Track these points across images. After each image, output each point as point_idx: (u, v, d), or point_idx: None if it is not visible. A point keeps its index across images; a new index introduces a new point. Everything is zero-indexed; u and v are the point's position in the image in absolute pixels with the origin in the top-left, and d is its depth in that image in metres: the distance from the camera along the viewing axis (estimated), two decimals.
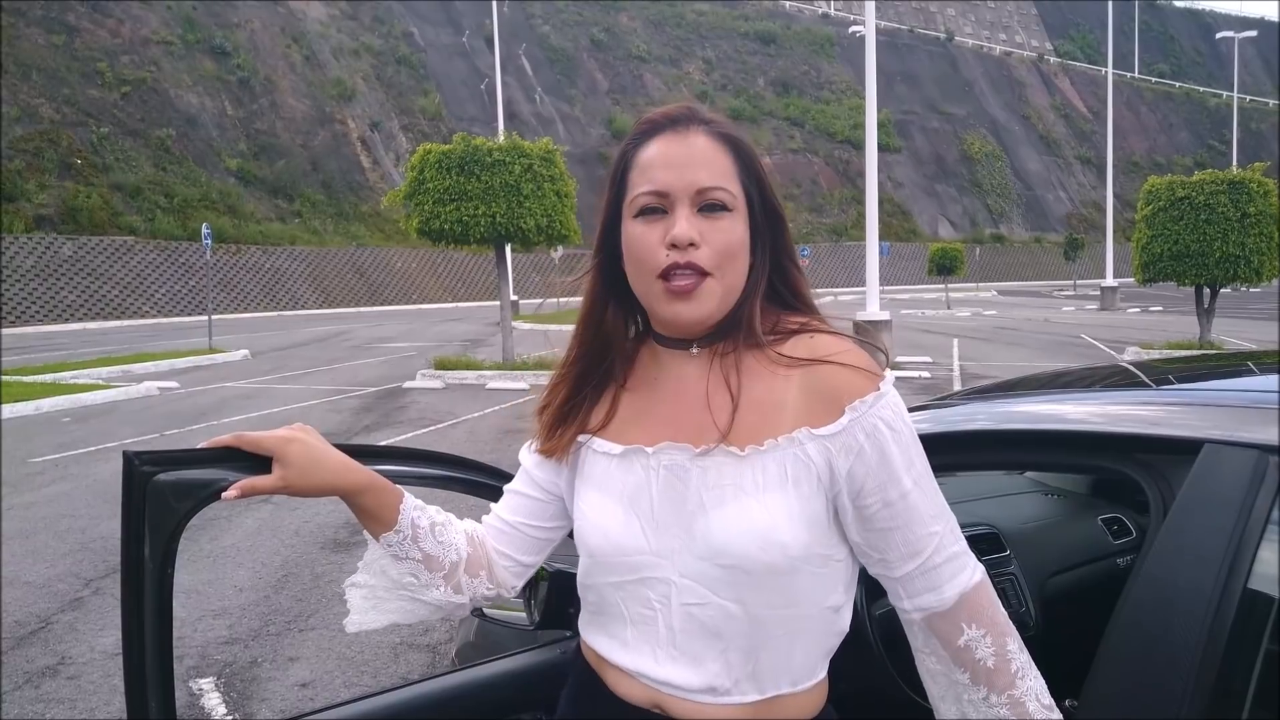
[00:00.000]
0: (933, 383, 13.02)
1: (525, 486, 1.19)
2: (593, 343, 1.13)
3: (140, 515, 1.02)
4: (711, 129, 1.05)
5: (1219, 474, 1.10)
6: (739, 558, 0.97)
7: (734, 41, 65.07)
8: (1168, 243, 15.15)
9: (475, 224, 13.52)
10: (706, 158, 1.03)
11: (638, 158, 1.05)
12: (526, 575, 1.22)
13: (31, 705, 3.53)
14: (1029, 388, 1.85)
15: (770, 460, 0.99)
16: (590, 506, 1.08)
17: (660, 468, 1.03)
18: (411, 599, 1.14)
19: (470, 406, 11.35)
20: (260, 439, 1.07)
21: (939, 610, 1.01)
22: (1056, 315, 28.90)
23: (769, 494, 0.99)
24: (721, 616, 0.99)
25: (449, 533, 1.16)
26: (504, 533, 1.20)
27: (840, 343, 1.04)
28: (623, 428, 1.09)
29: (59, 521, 6.24)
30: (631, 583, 1.04)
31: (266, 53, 45.34)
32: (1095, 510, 2.00)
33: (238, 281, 36.72)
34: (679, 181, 1.02)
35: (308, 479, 1.07)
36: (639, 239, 1.03)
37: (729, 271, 1.03)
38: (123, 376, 15.08)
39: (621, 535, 1.04)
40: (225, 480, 1.05)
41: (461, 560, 1.15)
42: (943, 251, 34.29)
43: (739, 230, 1.04)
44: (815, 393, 1.01)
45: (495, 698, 1.44)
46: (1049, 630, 1.68)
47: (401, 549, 1.12)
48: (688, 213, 1.01)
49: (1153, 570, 1.10)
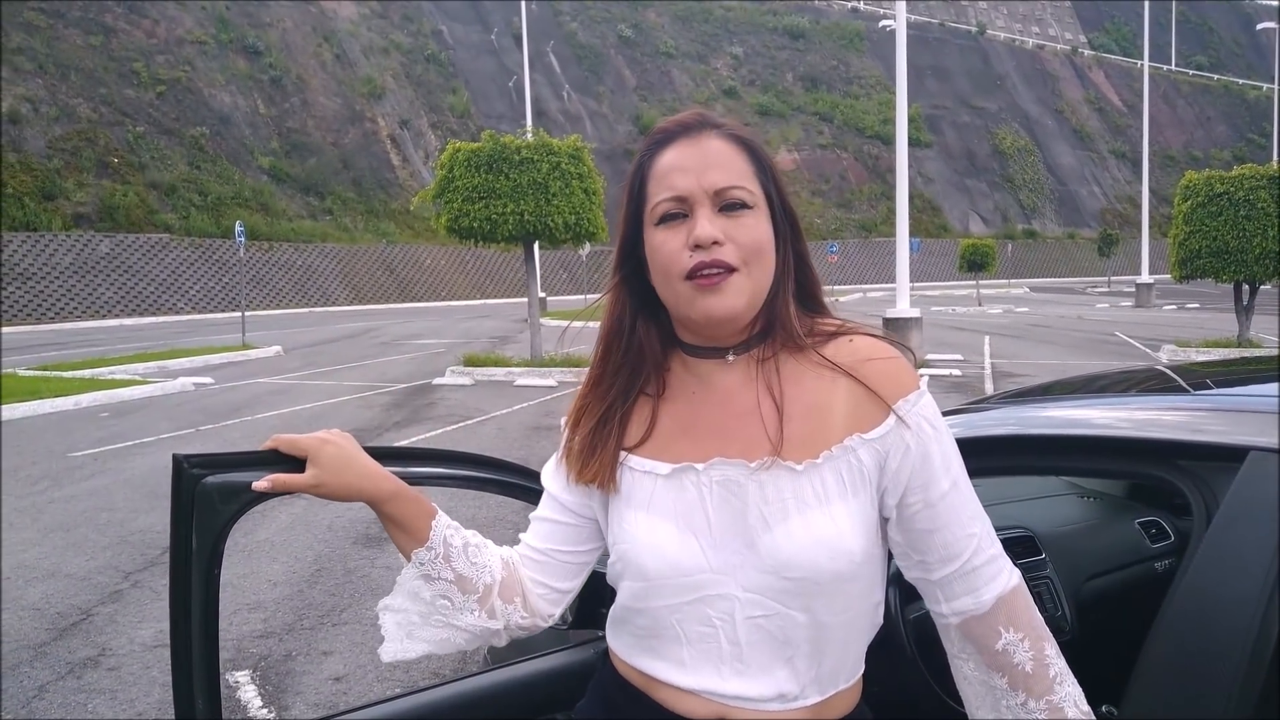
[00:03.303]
0: (964, 381, 12.89)
1: (554, 512, 1.16)
2: (623, 360, 1.10)
3: (189, 517, 1.05)
4: (724, 132, 1.05)
5: (1265, 483, 1.09)
6: (808, 569, 0.97)
7: (762, 37, 64.74)
8: (1206, 239, 14.88)
9: (503, 222, 13.59)
10: (722, 159, 1.03)
11: (654, 167, 1.05)
12: (564, 602, 1.19)
13: (74, 695, 3.61)
14: (1062, 392, 1.83)
15: (827, 471, 0.99)
16: (639, 529, 1.05)
17: (713, 484, 1.02)
18: (446, 624, 1.12)
19: (499, 403, 11.41)
20: (296, 440, 1.09)
21: (976, 614, 1.01)
22: (1090, 312, 28.49)
23: (832, 505, 0.99)
24: (790, 625, 0.99)
25: (483, 554, 1.14)
26: (537, 561, 1.17)
27: (880, 345, 1.05)
28: (664, 443, 1.07)
29: (98, 515, 6.36)
30: (690, 603, 1.02)
31: (298, 51, 45.81)
32: (1132, 513, 1.97)
33: (270, 278, 37.18)
34: (697, 184, 1.01)
35: (339, 480, 1.08)
36: (662, 245, 1.02)
37: (756, 268, 1.02)
38: (159, 372, 15.35)
39: (679, 555, 1.02)
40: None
41: (496, 583, 1.13)
42: (974, 247, 33.92)
43: (763, 227, 1.03)
44: (862, 394, 1.01)
45: (527, 698, 1.45)
46: (1085, 635, 1.66)
47: (434, 567, 1.11)
48: (709, 213, 1.01)
49: (1196, 579, 1.08)
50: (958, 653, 1.05)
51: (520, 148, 13.68)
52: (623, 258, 1.10)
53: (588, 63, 56.51)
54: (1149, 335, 19.25)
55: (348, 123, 45.16)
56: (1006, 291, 45.14)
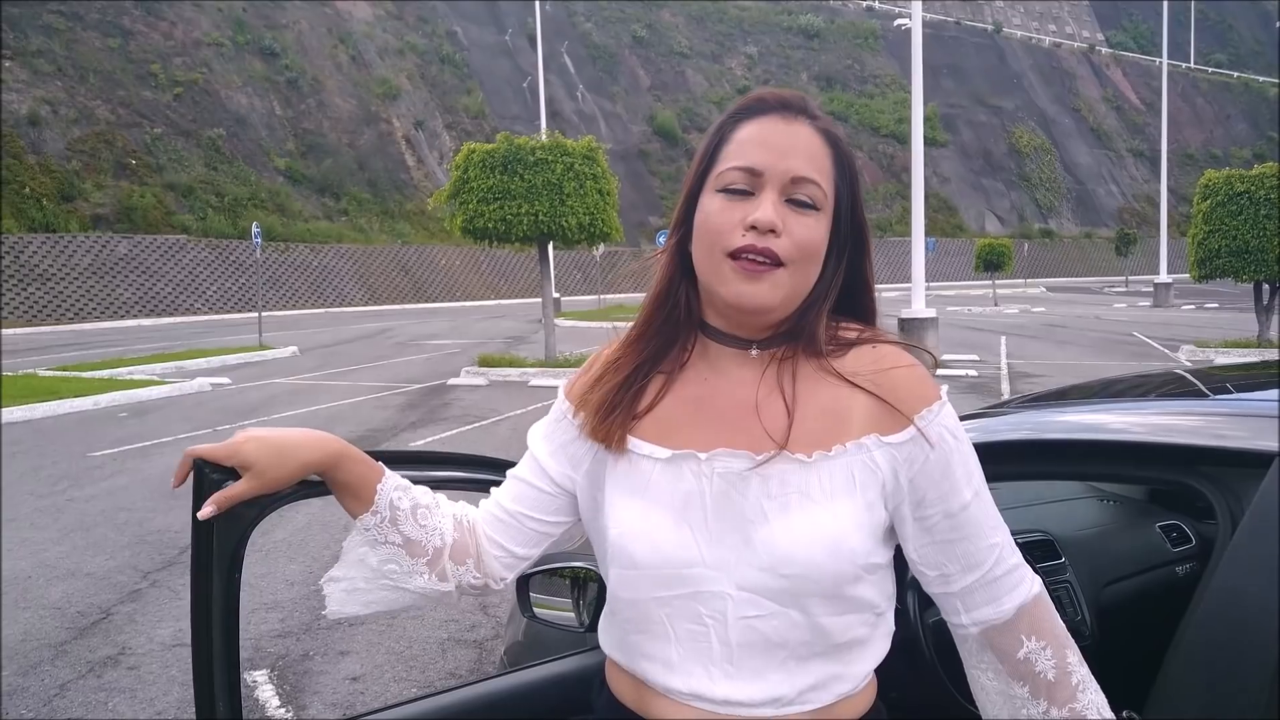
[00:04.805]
0: (980, 381, 12.83)
1: (533, 476, 1.12)
2: (664, 324, 1.06)
3: (209, 522, 1.05)
4: (820, 124, 1.01)
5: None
6: (805, 566, 0.94)
7: (777, 36, 64.60)
8: (1226, 238, 14.77)
9: (518, 222, 13.61)
10: (808, 149, 0.99)
11: (735, 133, 1.01)
12: (518, 568, 1.15)
13: (94, 694, 3.64)
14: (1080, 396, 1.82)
15: (838, 466, 0.97)
16: (631, 514, 1.01)
17: (714, 475, 0.98)
18: (394, 588, 1.08)
19: (513, 404, 11.43)
20: (211, 451, 1.04)
21: (997, 623, 1.00)
22: (1108, 312, 28.28)
23: (837, 501, 0.96)
24: (785, 626, 0.96)
25: (433, 516, 1.10)
26: (501, 521, 1.13)
27: (901, 353, 1.02)
28: (667, 428, 1.02)
29: (117, 515, 6.41)
30: (681, 598, 0.98)
31: (314, 53, 46.04)
32: (1153, 517, 1.96)
33: (286, 279, 37.39)
34: (776, 164, 0.97)
35: (278, 470, 1.04)
36: (716, 214, 0.98)
37: (802, 269, 0.99)
38: (176, 373, 15.46)
39: (672, 546, 0.98)
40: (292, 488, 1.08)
41: (446, 546, 1.09)
42: (990, 247, 33.76)
43: (822, 231, 1.00)
44: (882, 403, 0.98)
45: (545, 701, 1.44)
46: (1105, 640, 1.65)
47: (380, 532, 1.07)
48: (774, 198, 0.97)
49: (1223, 585, 1.08)
50: (976, 663, 1.03)
51: (535, 149, 13.71)
52: (680, 219, 1.05)
53: (602, 63, 56.53)
54: (1167, 335, 19.09)
55: (363, 124, 45.35)
56: (1023, 291, 44.86)
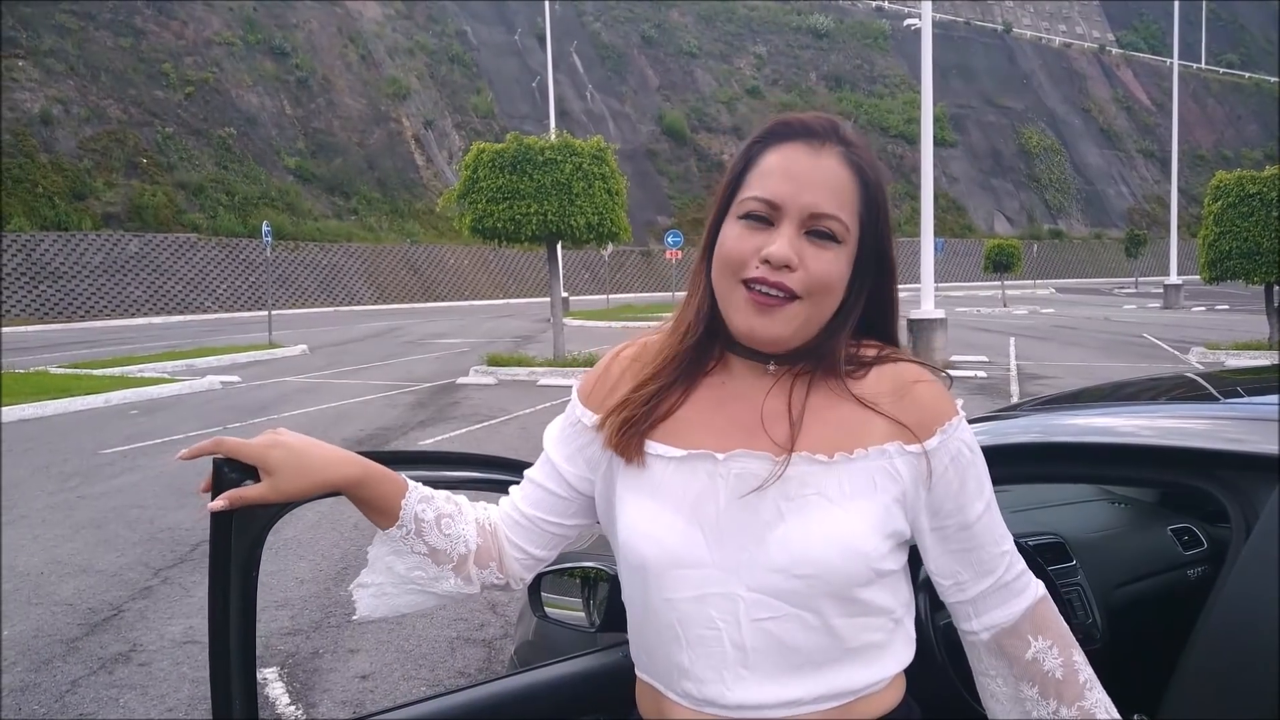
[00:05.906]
0: (989, 382, 12.79)
1: (549, 480, 1.13)
2: (695, 345, 1.05)
3: (227, 521, 1.06)
4: (848, 153, 0.99)
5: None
6: (819, 567, 0.94)
7: (786, 36, 64.47)
8: (1236, 240, 14.71)
9: (527, 222, 13.65)
10: (832, 181, 0.97)
11: (761, 160, 1.00)
12: (538, 568, 1.17)
13: (105, 690, 3.67)
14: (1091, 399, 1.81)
15: (858, 469, 0.97)
16: (640, 515, 1.00)
17: (731, 475, 0.98)
18: (421, 592, 1.10)
19: (522, 403, 11.45)
20: (239, 447, 1.03)
21: (1006, 625, 1.03)
22: (1117, 313, 28.17)
23: (855, 502, 0.96)
24: (798, 628, 0.95)
25: (456, 524, 1.11)
26: (520, 525, 1.14)
27: (923, 370, 1.03)
28: (683, 430, 1.02)
29: (128, 511, 6.45)
30: (690, 600, 0.97)
31: (324, 52, 46.16)
32: (1164, 520, 1.95)
33: (295, 277, 37.50)
34: (795, 198, 0.96)
35: (297, 483, 1.04)
36: (734, 241, 0.98)
37: (817, 304, 0.98)
38: (186, 370, 15.54)
39: (680, 547, 0.97)
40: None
41: (471, 553, 1.11)
42: (999, 248, 33.63)
43: (841, 264, 0.99)
44: (904, 418, 0.99)
45: (555, 701, 1.44)
46: (1116, 643, 1.65)
47: (405, 543, 1.08)
48: (792, 233, 0.96)
49: (1237, 589, 1.08)
50: (985, 669, 1.06)
51: (544, 148, 13.73)
52: (708, 242, 1.04)
53: (611, 63, 56.52)
54: (1177, 337, 19.00)
55: (373, 123, 45.45)
56: (1032, 292, 44.71)
